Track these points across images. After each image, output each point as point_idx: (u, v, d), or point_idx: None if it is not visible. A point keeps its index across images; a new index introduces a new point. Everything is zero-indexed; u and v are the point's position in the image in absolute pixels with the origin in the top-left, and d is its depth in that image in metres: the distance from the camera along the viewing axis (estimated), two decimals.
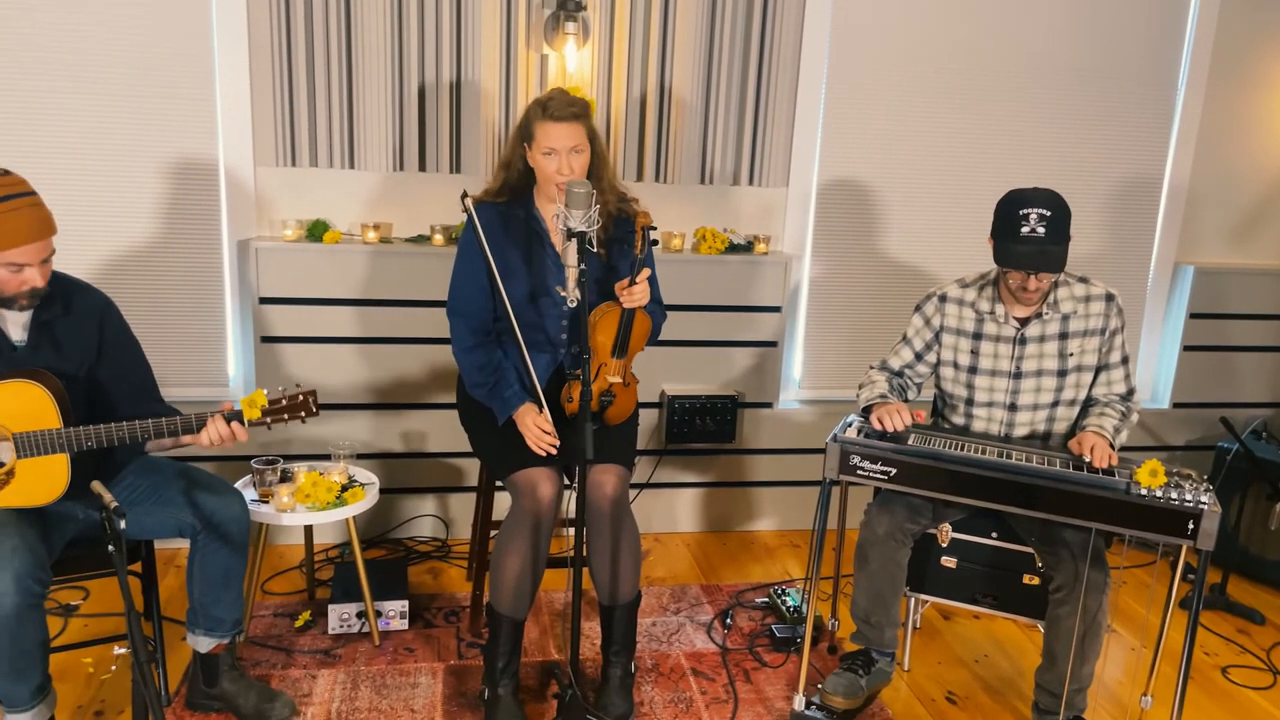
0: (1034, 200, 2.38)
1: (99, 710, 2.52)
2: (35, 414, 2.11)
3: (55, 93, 3.06)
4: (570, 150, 2.45)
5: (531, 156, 2.51)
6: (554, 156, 2.45)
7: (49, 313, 2.23)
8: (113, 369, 2.32)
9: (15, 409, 2.10)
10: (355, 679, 2.70)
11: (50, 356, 2.22)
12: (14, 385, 2.10)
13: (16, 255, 2.07)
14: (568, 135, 2.44)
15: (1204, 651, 3.11)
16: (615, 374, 2.55)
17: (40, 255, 2.11)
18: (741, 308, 3.57)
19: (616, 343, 2.52)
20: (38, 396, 2.11)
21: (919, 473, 2.37)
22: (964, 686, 2.85)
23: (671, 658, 2.90)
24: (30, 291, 2.13)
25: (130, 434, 2.16)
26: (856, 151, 3.62)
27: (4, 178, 2.10)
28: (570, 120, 2.45)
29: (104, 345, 2.31)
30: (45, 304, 2.22)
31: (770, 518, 3.85)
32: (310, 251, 3.24)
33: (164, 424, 2.19)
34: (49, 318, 2.23)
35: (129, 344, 2.39)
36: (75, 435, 2.13)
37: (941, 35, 3.58)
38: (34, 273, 2.11)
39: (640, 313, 2.51)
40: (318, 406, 2.29)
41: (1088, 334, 2.54)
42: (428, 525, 3.59)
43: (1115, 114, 3.76)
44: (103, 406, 2.30)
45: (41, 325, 2.22)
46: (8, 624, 2.01)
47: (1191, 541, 2.20)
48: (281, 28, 3.14)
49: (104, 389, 2.31)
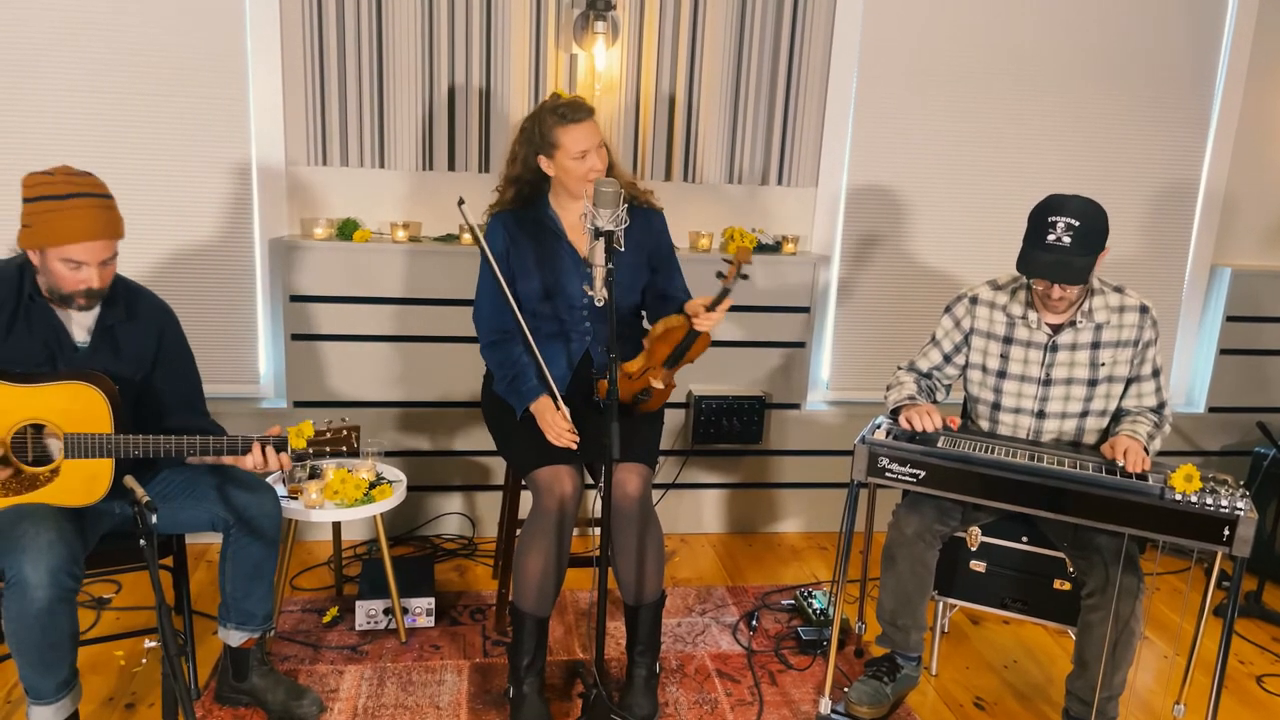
0: (1066, 209, 2.33)
1: (129, 703, 2.55)
2: (89, 416, 2.14)
3: (90, 93, 3.10)
4: (598, 147, 2.50)
5: (555, 165, 2.52)
6: (587, 158, 2.48)
7: (112, 316, 2.26)
8: (166, 378, 2.36)
9: (70, 409, 2.14)
10: (381, 675, 2.71)
11: (109, 359, 2.25)
12: (73, 387, 2.13)
13: (74, 251, 2.10)
14: (591, 134, 2.49)
15: (1238, 660, 3.06)
16: (660, 380, 2.56)
17: (99, 256, 2.14)
18: (769, 308, 3.55)
19: (673, 355, 2.52)
20: (94, 400, 2.14)
21: (948, 476, 2.35)
22: (993, 692, 2.82)
23: (697, 659, 2.89)
24: (86, 291, 2.16)
25: (177, 448, 2.20)
26: (887, 152, 3.60)
27: (81, 176, 2.15)
28: (589, 118, 2.50)
29: (161, 354, 2.35)
30: (109, 307, 2.25)
31: (797, 519, 3.83)
32: (341, 250, 3.27)
33: (210, 442, 2.22)
34: (112, 321, 2.26)
35: (184, 355, 2.43)
36: (123, 442, 2.16)
37: (974, 36, 3.54)
38: (92, 272, 2.14)
39: (704, 333, 2.51)
40: (359, 443, 2.33)
41: (1120, 345, 2.50)
42: (454, 523, 3.60)
43: (1151, 115, 3.71)
44: (150, 412, 2.34)
45: (105, 329, 2.26)
46: (40, 617, 2.04)
47: (1227, 548, 2.16)
48: (314, 29, 3.17)
49: (154, 396, 2.35)
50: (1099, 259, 2.38)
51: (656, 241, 2.67)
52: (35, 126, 3.09)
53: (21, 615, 2.03)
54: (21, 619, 2.04)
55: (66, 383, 2.14)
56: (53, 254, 2.11)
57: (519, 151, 2.58)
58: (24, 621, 2.04)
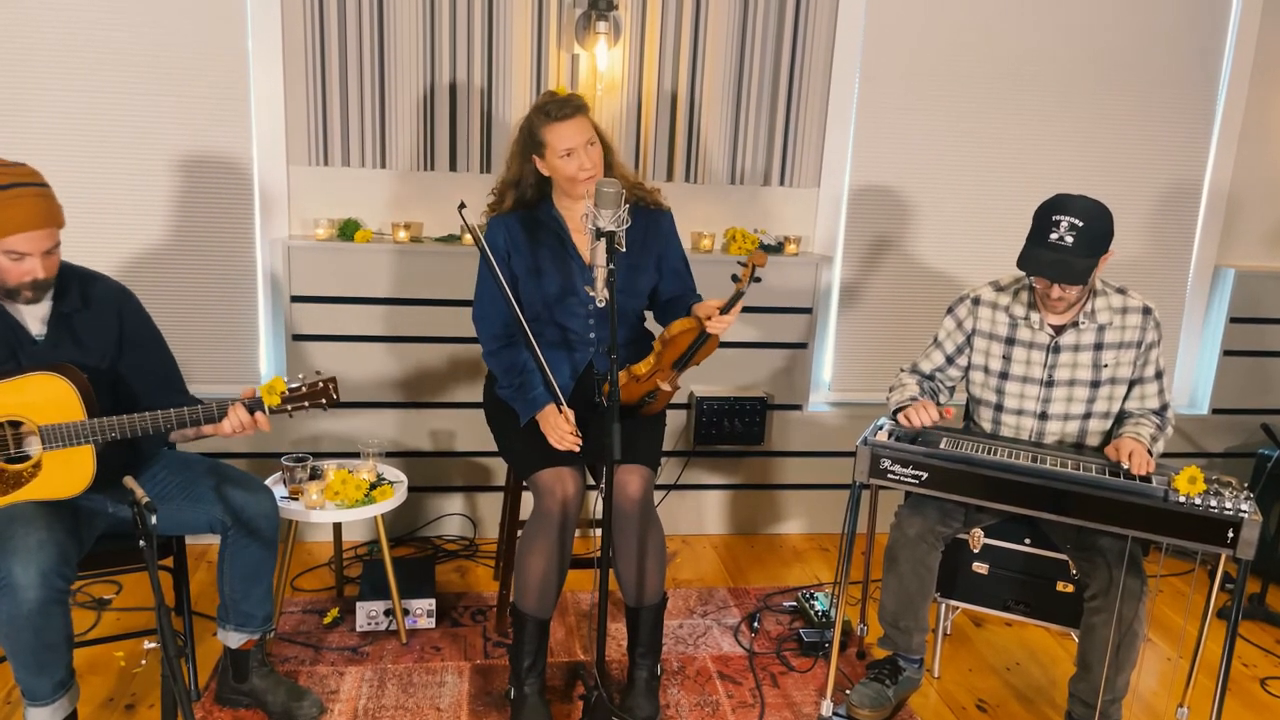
0: (1070, 208, 2.32)
1: (129, 703, 2.55)
2: (60, 406, 2.13)
3: (91, 92, 3.10)
4: (586, 144, 2.45)
5: (546, 165, 2.49)
6: (573, 155, 2.44)
7: (67, 305, 2.23)
8: (135, 361, 2.33)
9: (40, 402, 2.12)
10: (382, 676, 2.71)
11: (71, 350, 2.23)
12: (37, 378, 2.11)
13: (16, 243, 2.06)
14: (579, 130, 2.44)
15: (1242, 663, 3.05)
16: (667, 382, 2.55)
17: (42, 245, 2.10)
18: (771, 309, 3.55)
19: (683, 357, 2.51)
20: (61, 389, 2.12)
21: (951, 477, 2.34)
22: (995, 695, 2.81)
23: (698, 660, 2.88)
24: (33, 283, 2.12)
25: (153, 423, 2.17)
26: (889, 153, 3.59)
27: (15, 167, 2.11)
28: (576, 115, 2.45)
29: (124, 337, 2.32)
30: (63, 297, 2.22)
31: (799, 520, 3.82)
32: (341, 250, 3.26)
33: (185, 413, 2.20)
34: (68, 310, 2.23)
35: (150, 335, 2.39)
36: (99, 426, 2.14)
37: (977, 37, 3.53)
38: (35, 263, 2.10)
39: (714, 335, 2.49)
40: (338, 393, 2.29)
41: (1123, 346, 2.49)
42: (455, 524, 3.59)
43: (1155, 116, 3.70)
44: (127, 399, 2.31)
45: (61, 318, 2.23)
46: (31, 619, 2.03)
47: (1231, 550, 2.15)
48: (315, 29, 3.16)
49: (127, 381, 2.32)
50: (1102, 261, 2.37)
51: (665, 244, 2.64)
52: (34, 126, 3.08)
53: (13, 618, 2.02)
54: (14, 621, 2.03)
55: (31, 375, 2.11)
56: None
57: (516, 153, 2.55)
58: (16, 624, 2.03)
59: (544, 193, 2.59)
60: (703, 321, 2.42)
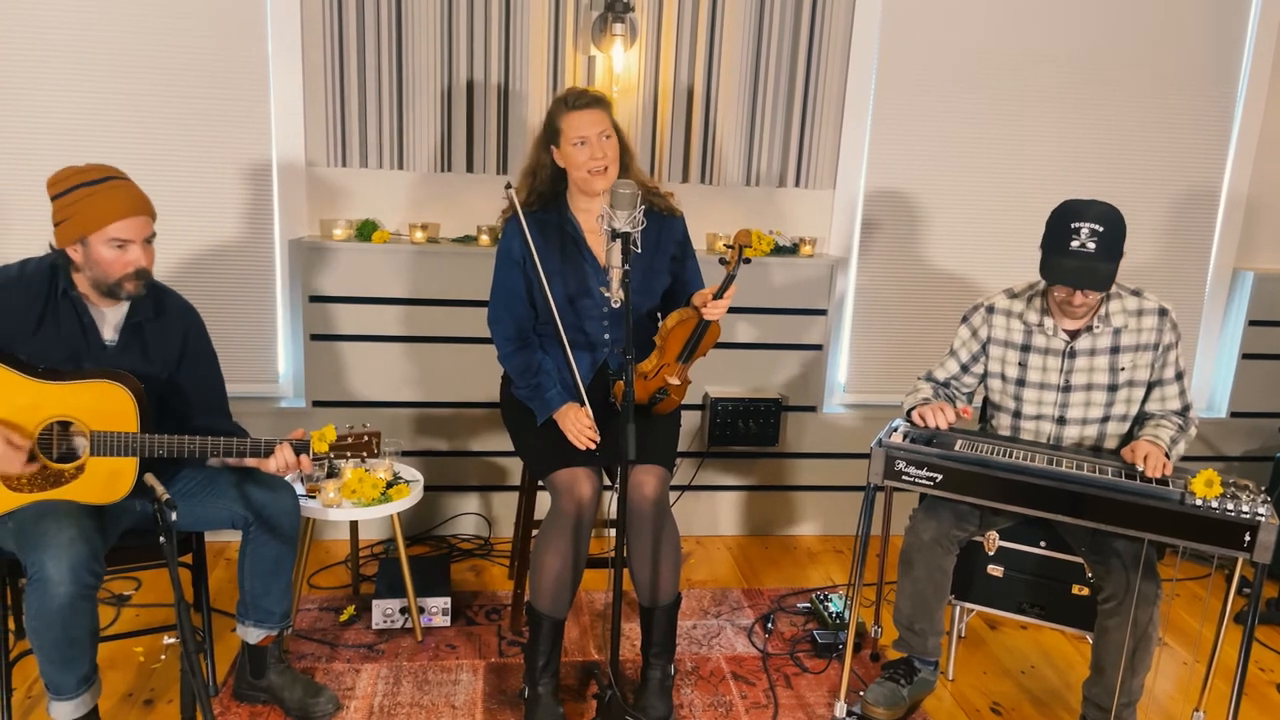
0: (1088, 214, 2.31)
1: (148, 699, 2.57)
2: (116, 415, 2.17)
3: (112, 93, 3.14)
4: (600, 135, 2.46)
5: (561, 155, 2.51)
6: (585, 145, 2.46)
7: (140, 314, 2.28)
8: (191, 378, 2.39)
9: (98, 408, 2.16)
10: (397, 674, 2.73)
11: (137, 358, 2.28)
12: (101, 385, 2.16)
13: (120, 229, 2.13)
14: (594, 121, 2.46)
15: (1259, 667, 3.03)
16: (675, 376, 2.56)
17: (142, 232, 2.17)
18: (787, 310, 3.55)
19: (686, 348, 2.52)
20: (121, 399, 2.16)
21: (966, 479, 2.34)
22: (1009, 698, 2.80)
23: (712, 661, 2.89)
24: (136, 273, 2.17)
25: (201, 449, 2.22)
26: (905, 155, 3.59)
27: (97, 166, 2.19)
28: (593, 106, 2.48)
29: (186, 353, 2.37)
30: (137, 305, 2.27)
31: (813, 522, 3.82)
32: (359, 251, 3.29)
33: (234, 444, 2.25)
34: (140, 319, 2.29)
35: (209, 356, 2.45)
36: (149, 442, 2.18)
37: (993, 39, 3.53)
38: (138, 251, 2.16)
39: (714, 322, 2.51)
40: (380, 448, 2.35)
41: (1140, 349, 2.48)
42: (471, 523, 3.61)
43: (1174, 119, 3.68)
44: (173, 411, 2.36)
45: (133, 327, 2.28)
46: (61, 613, 2.06)
47: (1247, 554, 2.14)
48: (334, 32, 3.19)
49: (179, 395, 2.37)
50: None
51: (679, 249, 2.66)
52: (56, 130, 3.12)
53: (43, 611, 2.05)
54: (43, 615, 2.06)
55: (94, 381, 2.16)
56: (96, 239, 2.13)
57: (536, 142, 2.59)
58: (45, 618, 2.06)
59: (559, 190, 2.60)
60: (699, 310, 2.43)
